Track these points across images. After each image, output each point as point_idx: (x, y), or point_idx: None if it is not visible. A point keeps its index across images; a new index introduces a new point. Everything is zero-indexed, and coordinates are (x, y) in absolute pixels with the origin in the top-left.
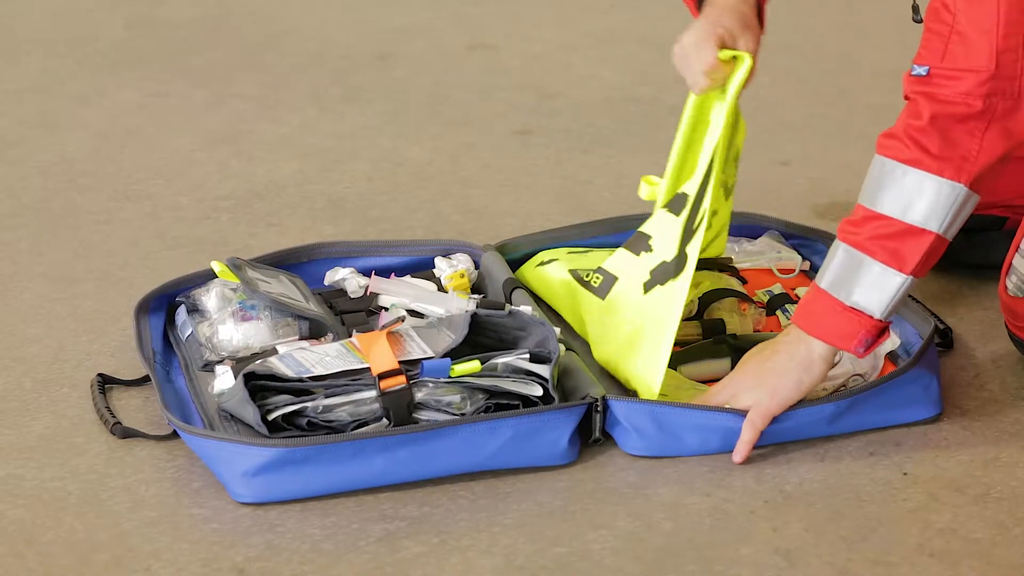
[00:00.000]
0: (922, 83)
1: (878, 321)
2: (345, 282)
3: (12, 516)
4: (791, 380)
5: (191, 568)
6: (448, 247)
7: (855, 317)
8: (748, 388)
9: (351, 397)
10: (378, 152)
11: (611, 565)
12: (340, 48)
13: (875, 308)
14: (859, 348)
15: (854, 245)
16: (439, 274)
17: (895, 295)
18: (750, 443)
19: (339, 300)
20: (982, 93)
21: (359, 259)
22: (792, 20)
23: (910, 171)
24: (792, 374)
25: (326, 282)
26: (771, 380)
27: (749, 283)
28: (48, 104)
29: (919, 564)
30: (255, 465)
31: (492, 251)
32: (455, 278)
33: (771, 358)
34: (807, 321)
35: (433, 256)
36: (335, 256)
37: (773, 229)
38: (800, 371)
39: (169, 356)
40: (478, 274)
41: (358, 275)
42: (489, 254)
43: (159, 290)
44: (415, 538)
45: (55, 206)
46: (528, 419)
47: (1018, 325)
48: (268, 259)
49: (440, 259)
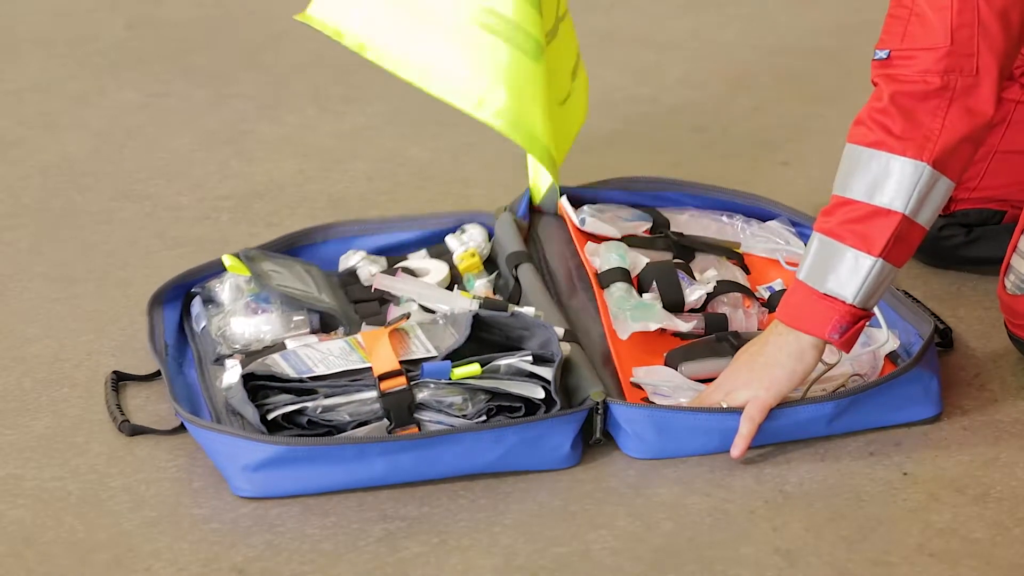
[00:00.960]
0: (883, 66)
1: (852, 307)
2: (358, 268)
3: (12, 516)
4: (785, 371)
5: (191, 568)
6: (460, 218)
7: (830, 304)
8: (742, 385)
9: (352, 397)
10: (378, 152)
11: (611, 565)
12: (340, 48)
13: (848, 293)
14: (833, 335)
15: (826, 233)
16: (451, 252)
17: (866, 279)
18: (748, 437)
19: (353, 287)
20: (939, 70)
21: (373, 236)
22: (792, 20)
23: (875, 154)
24: (785, 365)
25: (340, 267)
26: (764, 374)
27: (753, 274)
28: (48, 104)
29: (919, 564)
30: (256, 460)
31: (505, 212)
32: (466, 257)
33: (762, 352)
34: (787, 313)
35: (447, 229)
36: (351, 235)
37: (784, 216)
38: (793, 361)
39: (183, 348)
40: (490, 245)
41: (371, 261)
42: (504, 216)
43: (173, 281)
44: (415, 538)
45: (55, 206)
46: (531, 426)
47: (1017, 324)
48: (283, 241)
49: (451, 238)
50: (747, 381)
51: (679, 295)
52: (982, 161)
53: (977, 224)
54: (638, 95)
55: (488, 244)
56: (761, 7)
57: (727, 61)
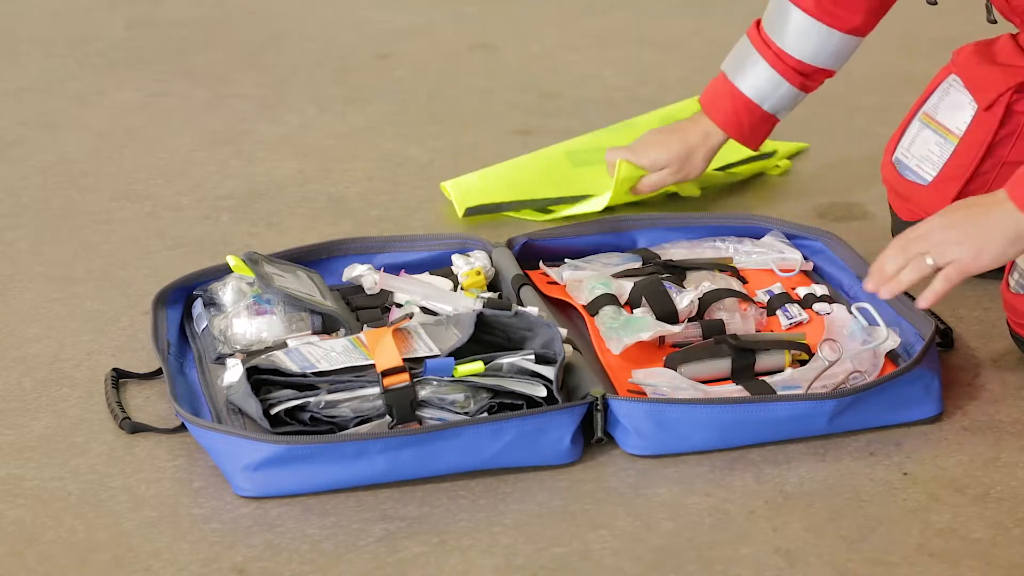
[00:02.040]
0: None
1: None
2: (362, 279)
3: (12, 516)
4: (996, 249)
5: (191, 568)
6: (464, 241)
7: None
8: (954, 243)
9: (354, 393)
10: (378, 152)
11: (611, 565)
12: (340, 48)
13: None
14: None
15: None
16: (456, 271)
17: None
18: (941, 295)
19: (356, 296)
20: None
21: (378, 255)
22: None
23: None
24: (998, 243)
25: (344, 278)
26: (978, 242)
27: (749, 283)
28: (48, 104)
29: (919, 564)
30: (257, 460)
31: (501, 247)
32: (471, 275)
33: (981, 221)
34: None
35: (451, 252)
36: (354, 253)
37: (776, 229)
38: (1005, 244)
39: (184, 349)
40: (493, 270)
41: (375, 272)
42: (499, 250)
43: (178, 283)
44: (415, 538)
45: (55, 206)
46: (530, 420)
47: (1019, 322)
48: (288, 255)
49: (457, 256)
50: (959, 241)
51: (670, 304)
52: (991, 172)
53: None
54: (638, 95)
55: (492, 268)
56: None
57: None
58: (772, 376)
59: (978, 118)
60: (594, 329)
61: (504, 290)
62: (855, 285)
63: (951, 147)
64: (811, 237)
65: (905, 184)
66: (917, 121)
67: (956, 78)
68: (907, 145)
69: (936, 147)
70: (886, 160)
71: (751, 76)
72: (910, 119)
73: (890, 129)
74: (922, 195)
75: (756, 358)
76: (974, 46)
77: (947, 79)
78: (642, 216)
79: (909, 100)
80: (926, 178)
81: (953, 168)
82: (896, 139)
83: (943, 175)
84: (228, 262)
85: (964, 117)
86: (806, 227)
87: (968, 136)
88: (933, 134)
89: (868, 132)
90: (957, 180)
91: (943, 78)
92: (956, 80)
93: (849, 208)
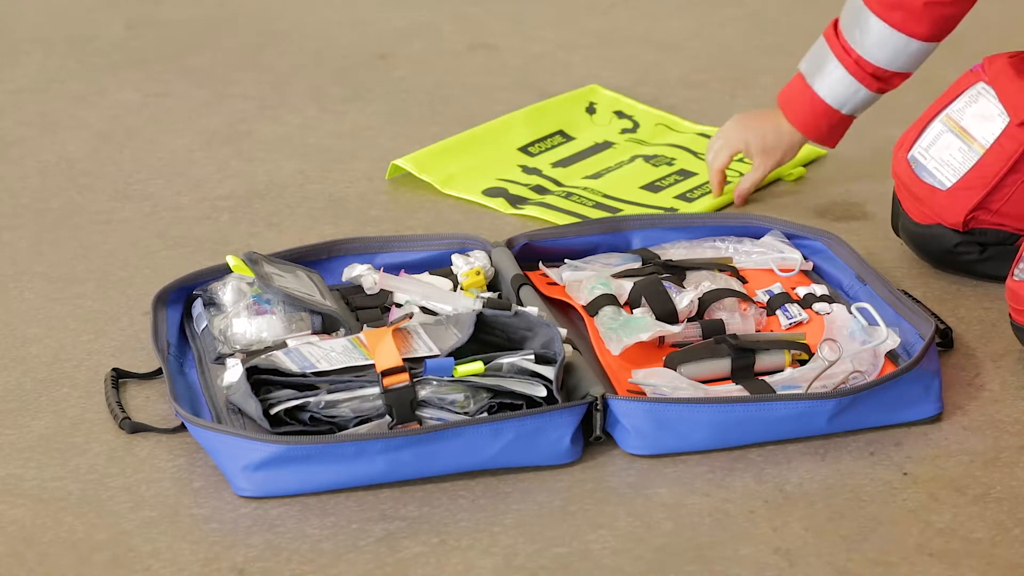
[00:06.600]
0: None
1: None
2: (362, 279)
3: (12, 516)
4: None
5: (191, 568)
6: (464, 241)
7: None
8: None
9: (354, 393)
10: (378, 152)
11: (611, 565)
12: (340, 48)
13: None
14: None
15: None
16: (456, 271)
17: None
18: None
19: (355, 296)
20: None
21: (378, 255)
22: (792, 20)
23: None
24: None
25: (344, 278)
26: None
27: (749, 283)
28: (48, 104)
29: (919, 564)
30: (257, 460)
31: (501, 247)
32: (471, 275)
33: None
34: None
35: (451, 252)
36: (354, 253)
37: (775, 229)
38: None
39: (184, 349)
40: (493, 270)
41: (375, 272)
42: (498, 250)
43: (178, 283)
44: (415, 538)
45: (55, 206)
46: (530, 420)
47: (1019, 309)
48: (288, 255)
49: (457, 256)
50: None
51: (669, 304)
52: (1011, 187)
53: (993, 244)
54: (638, 95)
55: (492, 268)
56: (761, 7)
57: (727, 61)
58: (772, 376)
59: (1009, 131)
60: (594, 329)
61: (504, 290)
62: (855, 285)
63: (975, 156)
64: (811, 237)
65: (920, 184)
66: (939, 123)
67: (988, 87)
68: (925, 145)
69: (959, 153)
70: (900, 156)
71: (829, 81)
72: (931, 118)
73: (891, 129)
74: (938, 200)
75: (756, 358)
76: (1009, 58)
77: (976, 85)
78: (642, 216)
79: (910, 100)
80: (944, 183)
81: (975, 178)
82: (913, 137)
83: (963, 183)
84: (228, 262)
85: (993, 129)
86: (806, 227)
87: (996, 148)
88: (956, 139)
89: (869, 132)
90: (978, 190)
91: (971, 83)
92: (987, 89)
93: (849, 208)
